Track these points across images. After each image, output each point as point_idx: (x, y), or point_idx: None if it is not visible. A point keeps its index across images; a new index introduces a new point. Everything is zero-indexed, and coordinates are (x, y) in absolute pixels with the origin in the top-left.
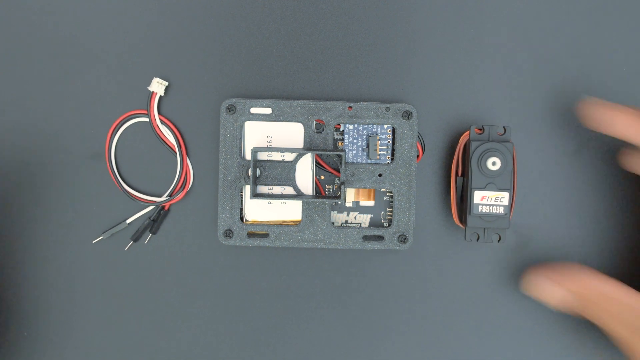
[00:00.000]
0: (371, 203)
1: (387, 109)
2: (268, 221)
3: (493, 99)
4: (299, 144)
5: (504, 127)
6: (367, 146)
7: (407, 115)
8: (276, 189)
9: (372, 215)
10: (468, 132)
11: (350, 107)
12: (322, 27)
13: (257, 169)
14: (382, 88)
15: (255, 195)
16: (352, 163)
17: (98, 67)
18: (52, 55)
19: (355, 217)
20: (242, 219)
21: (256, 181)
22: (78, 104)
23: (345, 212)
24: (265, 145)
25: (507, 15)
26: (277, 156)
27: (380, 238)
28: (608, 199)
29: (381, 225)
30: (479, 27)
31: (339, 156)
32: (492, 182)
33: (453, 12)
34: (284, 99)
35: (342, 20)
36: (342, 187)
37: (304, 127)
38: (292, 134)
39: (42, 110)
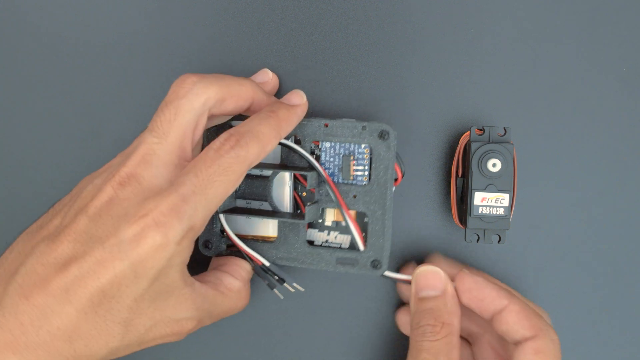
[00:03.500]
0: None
1: (364, 127)
2: (245, 235)
3: (493, 99)
4: (277, 159)
5: (504, 128)
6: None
7: (384, 135)
8: (255, 204)
9: None
10: (468, 132)
11: (327, 124)
12: (322, 27)
13: None
14: (382, 87)
15: (224, 211)
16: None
17: (98, 68)
18: (52, 56)
19: (335, 237)
20: (223, 231)
21: (234, 195)
22: (78, 103)
23: (326, 232)
24: None
25: (507, 16)
26: (255, 171)
27: (355, 261)
28: (608, 199)
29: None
30: (479, 27)
31: (317, 173)
32: (492, 184)
33: (453, 12)
34: None
35: (341, 20)
36: (314, 205)
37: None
38: None
39: (43, 110)
